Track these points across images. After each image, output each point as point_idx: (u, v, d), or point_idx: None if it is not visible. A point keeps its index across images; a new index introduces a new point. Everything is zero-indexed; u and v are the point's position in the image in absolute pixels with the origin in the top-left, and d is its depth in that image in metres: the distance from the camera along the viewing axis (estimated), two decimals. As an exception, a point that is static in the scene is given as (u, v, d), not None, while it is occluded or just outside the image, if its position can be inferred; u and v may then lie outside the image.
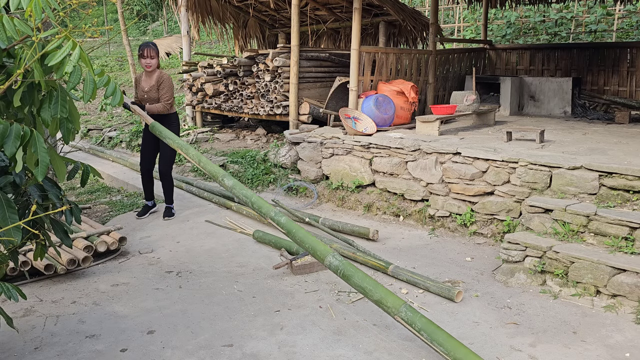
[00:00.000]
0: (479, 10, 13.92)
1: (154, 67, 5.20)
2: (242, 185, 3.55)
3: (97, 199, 6.42)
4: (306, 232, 3.27)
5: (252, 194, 3.46)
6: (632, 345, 2.98)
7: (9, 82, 1.96)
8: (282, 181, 6.25)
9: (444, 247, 4.54)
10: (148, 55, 5.15)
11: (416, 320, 2.75)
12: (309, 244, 3.20)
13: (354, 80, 6.35)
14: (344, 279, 3.06)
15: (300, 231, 3.26)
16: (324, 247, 3.17)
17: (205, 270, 4.15)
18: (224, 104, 8.44)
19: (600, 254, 3.55)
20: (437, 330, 2.71)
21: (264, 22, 10.67)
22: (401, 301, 2.85)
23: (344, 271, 3.04)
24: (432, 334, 2.70)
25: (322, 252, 3.15)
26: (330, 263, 3.10)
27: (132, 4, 23.68)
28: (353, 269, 3.03)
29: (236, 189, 3.50)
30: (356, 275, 3.00)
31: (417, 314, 2.78)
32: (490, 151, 4.73)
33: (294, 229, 3.27)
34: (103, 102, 11.61)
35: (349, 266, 3.05)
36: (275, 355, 2.92)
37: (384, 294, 2.89)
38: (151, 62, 5.17)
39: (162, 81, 5.19)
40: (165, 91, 5.18)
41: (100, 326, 3.28)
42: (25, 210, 2.39)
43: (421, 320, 2.75)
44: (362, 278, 2.98)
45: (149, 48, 5.18)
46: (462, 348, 2.62)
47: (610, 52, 8.39)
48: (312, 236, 3.26)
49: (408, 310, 2.79)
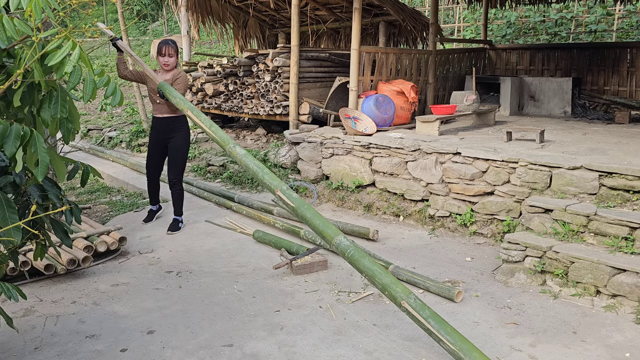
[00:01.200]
0: (479, 10, 13.92)
1: (173, 66, 4.92)
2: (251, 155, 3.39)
3: (97, 199, 6.42)
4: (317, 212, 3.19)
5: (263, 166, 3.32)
6: (632, 345, 2.98)
7: (9, 82, 1.96)
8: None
9: (444, 247, 4.54)
10: (167, 53, 4.85)
11: (425, 308, 2.77)
12: (318, 223, 3.11)
13: (354, 80, 6.35)
14: (352, 262, 3.00)
15: (310, 210, 3.17)
16: (334, 228, 3.12)
17: (205, 270, 4.15)
18: (224, 104, 8.44)
19: (600, 254, 3.55)
20: (443, 322, 2.74)
21: (264, 22, 10.67)
22: (409, 290, 2.87)
23: (354, 253, 2.99)
24: (440, 323, 2.72)
25: (333, 231, 3.08)
26: (339, 242, 3.03)
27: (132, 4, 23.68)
28: (362, 252, 3.01)
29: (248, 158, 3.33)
30: (365, 258, 2.97)
31: (424, 304, 2.80)
32: (490, 151, 4.73)
33: (304, 206, 3.17)
34: (103, 102, 11.62)
35: (359, 249, 3.03)
36: (275, 355, 2.92)
37: (391, 280, 2.89)
38: (169, 61, 4.88)
39: (179, 77, 4.91)
40: (180, 87, 4.88)
41: (100, 326, 3.28)
42: (25, 210, 2.39)
43: (429, 310, 2.77)
44: (371, 262, 2.96)
45: (167, 46, 4.86)
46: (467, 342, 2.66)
47: (610, 52, 8.39)
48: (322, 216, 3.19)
49: (416, 298, 2.82)
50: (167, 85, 3.67)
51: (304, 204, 3.20)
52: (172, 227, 5.08)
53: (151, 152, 5.17)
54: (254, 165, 3.34)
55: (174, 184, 5.09)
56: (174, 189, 5.11)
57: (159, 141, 5.08)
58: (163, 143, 5.06)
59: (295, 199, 3.20)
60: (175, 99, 3.60)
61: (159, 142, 5.09)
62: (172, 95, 3.61)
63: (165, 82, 3.75)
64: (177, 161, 5.04)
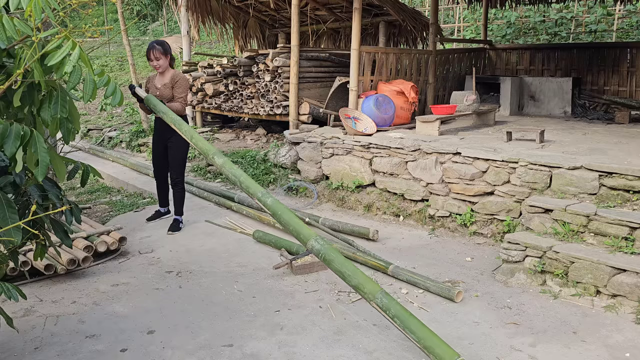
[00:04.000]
0: (479, 10, 13.92)
1: (164, 67, 4.93)
2: (231, 164, 3.47)
3: (97, 199, 6.42)
4: (292, 215, 3.23)
5: (242, 173, 3.40)
6: (632, 345, 2.98)
7: (9, 82, 1.96)
8: (282, 181, 6.25)
9: (444, 247, 4.54)
10: (153, 57, 4.85)
11: (391, 306, 2.81)
12: (293, 227, 3.17)
13: (354, 80, 6.35)
14: (325, 264, 3.06)
15: (286, 213, 3.22)
16: (308, 231, 3.15)
17: (205, 270, 4.15)
18: (224, 104, 8.44)
19: (600, 254, 3.55)
20: (410, 318, 2.77)
21: (264, 22, 10.67)
22: (378, 287, 2.89)
23: (325, 255, 3.03)
24: (405, 321, 2.75)
25: (306, 235, 3.13)
26: (312, 247, 3.09)
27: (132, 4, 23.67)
28: (334, 254, 3.03)
29: (225, 167, 3.42)
30: (336, 259, 3.00)
31: (392, 301, 2.84)
32: (490, 151, 4.73)
33: (279, 211, 3.22)
34: (103, 102, 11.61)
35: (330, 251, 3.04)
36: (275, 355, 2.92)
37: (362, 279, 2.91)
38: (159, 64, 4.89)
39: (179, 79, 4.94)
40: (182, 90, 4.94)
41: (100, 326, 3.28)
42: (25, 210, 2.38)
43: (396, 307, 2.80)
44: (342, 263, 2.98)
45: (153, 50, 4.88)
46: (434, 337, 2.69)
47: (610, 52, 8.39)
48: (298, 218, 3.23)
49: (384, 296, 2.84)
50: (153, 97, 3.86)
51: (280, 208, 3.25)
52: (172, 228, 5.09)
53: (155, 151, 5.26)
54: (232, 174, 3.41)
55: (176, 183, 5.14)
56: (176, 188, 5.15)
57: (161, 141, 5.15)
58: (164, 143, 5.12)
59: (270, 205, 3.26)
60: (160, 113, 3.77)
61: (160, 141, 5.16)
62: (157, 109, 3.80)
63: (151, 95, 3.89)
64: (177, 160, 5.10)
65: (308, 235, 3.12)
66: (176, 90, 4.94)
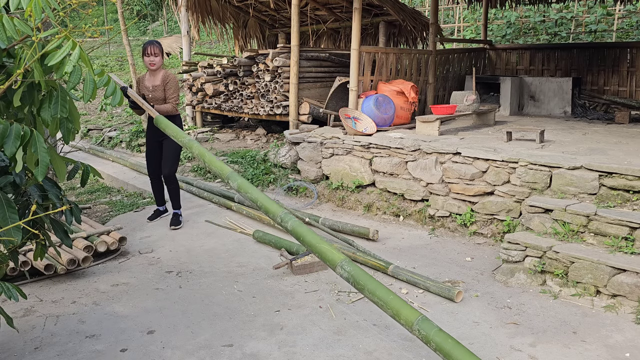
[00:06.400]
0: (479, 10, 13.92)
1: (158, 65, 5.05)
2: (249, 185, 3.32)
3: (97, 199, 6.42)
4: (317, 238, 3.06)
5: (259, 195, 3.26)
6: (632, 345, 2.98)
7: (9, 82, 1.96)
8: (282, 181, 6.25)
9: (444, 247, 4.54)
10: (152, 52, 4.99)
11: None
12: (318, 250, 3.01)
13: (354, 80, 6.35)
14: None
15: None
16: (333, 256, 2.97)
17: (205, 270, 4.15)
18: (224, 104, 8.44)
19: (600, 254, 3.55)
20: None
21: (264, 22, 10.67)
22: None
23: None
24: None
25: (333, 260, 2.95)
26: (340, 274, 2.94)
27: (132, 4, 23.68)
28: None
29: (242, 190, 3.29)
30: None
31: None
32: (490, 151, 4.73)
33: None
34: (103, 102, 11.61)
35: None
36: (275, 355, 2.92)
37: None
38: (155, 60, 5.00)
39: (169, 80, 5.04)
40: (173, 91, 5.03)
41: (100, 326, 3.28)
42: (25, 210, 2.38)
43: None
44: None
45: (152, 45, 5.01)
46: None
47: (610, 52, 8.39)
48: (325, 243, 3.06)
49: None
50: (163, 118, 3.69)
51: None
52: (173, 222, 5.16)
53: (148, 150, 5.28)
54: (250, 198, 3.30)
55: (168, 179, 5.19)
56: (169, 185, 5.21)
57: (155, 140, 5.19)
58: (158, 141, 5.16)
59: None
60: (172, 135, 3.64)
61: (154, 140, 5.20)
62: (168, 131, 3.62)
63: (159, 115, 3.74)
64: (170, 157, 5.15)
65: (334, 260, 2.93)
66: (168, 92, 5.05)
